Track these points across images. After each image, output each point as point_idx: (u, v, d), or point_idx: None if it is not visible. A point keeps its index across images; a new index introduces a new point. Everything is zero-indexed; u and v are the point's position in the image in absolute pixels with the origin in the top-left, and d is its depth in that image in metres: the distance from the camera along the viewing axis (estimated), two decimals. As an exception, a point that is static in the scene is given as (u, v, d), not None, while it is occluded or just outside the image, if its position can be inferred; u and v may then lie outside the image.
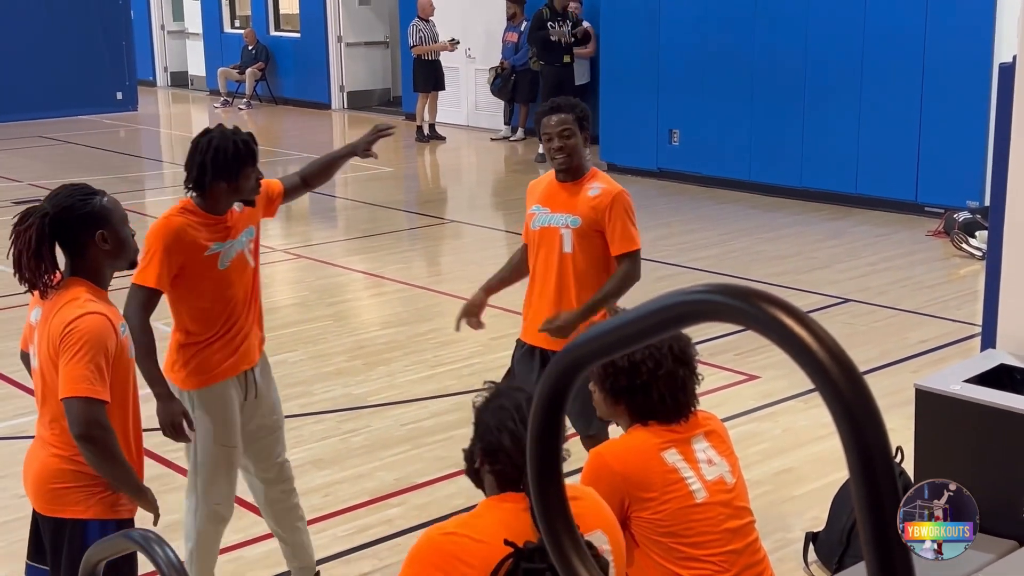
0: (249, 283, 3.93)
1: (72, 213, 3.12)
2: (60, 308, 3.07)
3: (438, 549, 2.41)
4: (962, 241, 9.06)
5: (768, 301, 0.98)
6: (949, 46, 10.11)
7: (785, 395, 6.05)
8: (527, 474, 2.35)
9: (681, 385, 2.93)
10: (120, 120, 17.88)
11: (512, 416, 2.47)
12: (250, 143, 3.77)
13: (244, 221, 3.89)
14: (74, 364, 2.99)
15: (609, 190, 4.26)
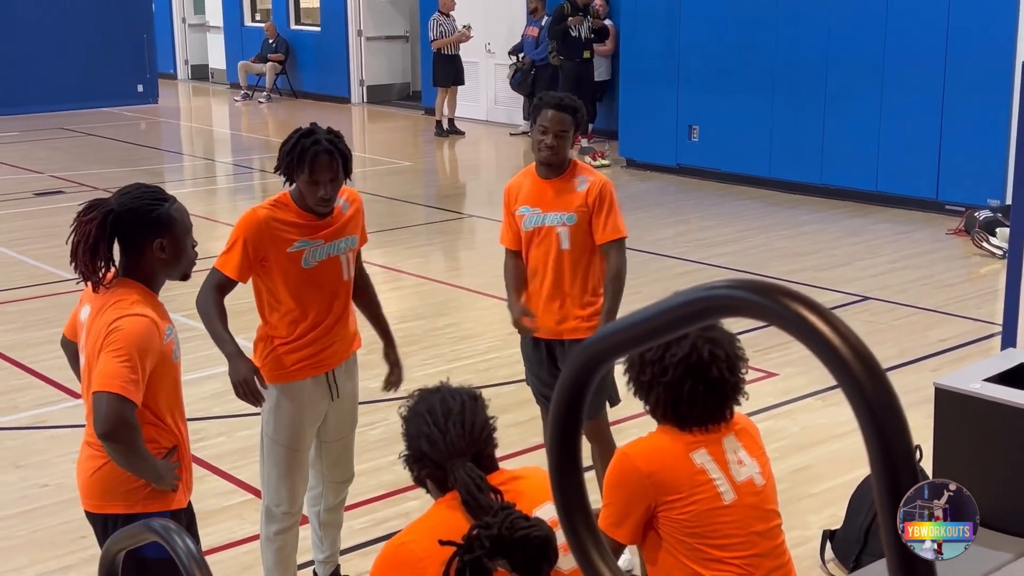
0: (339, 288, 3.88)
1: (136, 215, 3.11)
2: (107, 307, 3.08)
3: (392, 562, 2.45)
4: (982, 240, 9.01)
5: (791, 297, 0.98)
6: (971, 43, 10.06)
7: (803, 392, 6.03)
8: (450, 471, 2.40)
9: (711, 392, 2.87)
10: (141, 112, 17.96)
11: (425, 420, 2.50)
12: (336, 142, 3.75)
13: (351, 228, 3.87)
14: (111, 361, 3.00)
15: (596, 181, 4.33)
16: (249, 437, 5.63)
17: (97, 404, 2.98)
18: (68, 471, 5.28)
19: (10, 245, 9.54)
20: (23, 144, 15.00)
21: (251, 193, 12.84)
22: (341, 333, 3.93)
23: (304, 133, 3.77)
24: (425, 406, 2.55)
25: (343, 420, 4.03)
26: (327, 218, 3.79)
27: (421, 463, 2.53)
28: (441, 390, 2.58)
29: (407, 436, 2.57)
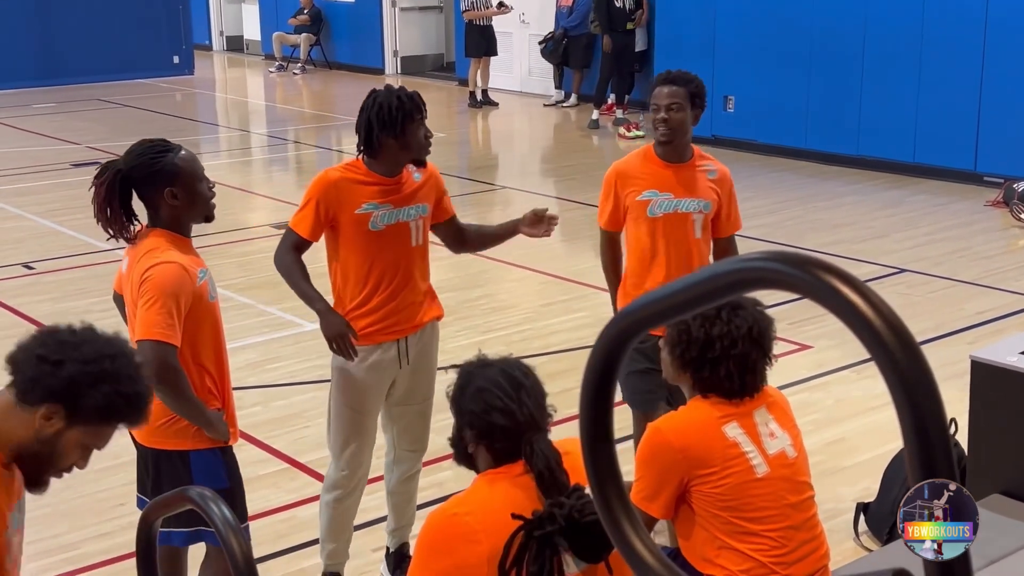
0: (407, 254, 3.87)
1: (141, 170, 3.24)
2: (140, 258, 3.22)
3: (444, 534, 2.41)
4: (1021, 211, 8.91)
5: (825, 269, 0.98)
6: (1009, 14, 9.91)
7: (838, 365, 6.01)
8: (525, 440, 2.40)
9: (751, 367, 2.87)
10: (177, 84, 18.03)
11: (495, 394, 2.48)
12: (415, 98, 3.73)
13: (421, 196, 3.88)
14: (147, 310, 3.13)
15: (724, 170, 4.27)
16: (285, 407, 5.69)
17: (141, 352, 3.01)
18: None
19: (48, 215, 9.64)
20: (60, 115, 15.11)
21: (285, 165, 12.88)
22: (410, 299, 3.91)
23: (378, 94, 3.76)
24: (487, 380, 2.51)
25: (415, 388, 3.99)
26: (397, 183, 3.81)
27: (490, 437, 2.47)
28: (493, 363, 2.56)
29: (468, 415, 2.51)
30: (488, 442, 2.49)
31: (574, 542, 2.31)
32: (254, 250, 8.55)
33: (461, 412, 2.54)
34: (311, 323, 6.88)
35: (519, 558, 2.30)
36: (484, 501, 2.43)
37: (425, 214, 3.92)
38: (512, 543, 2.31)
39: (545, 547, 2.30)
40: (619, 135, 13.03)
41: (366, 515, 4.64)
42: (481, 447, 2.52)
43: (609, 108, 14.00)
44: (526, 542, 2.30)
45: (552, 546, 2.30)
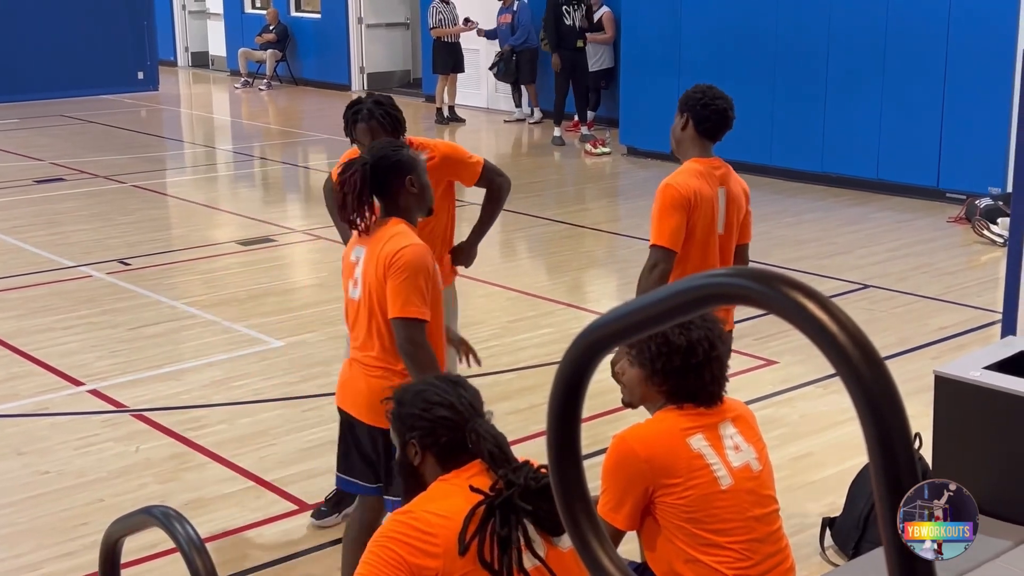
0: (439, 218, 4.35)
1: (387, 161, 3.63)
2: (387, 240, 3.55)
3: (401, 526, 2.44)
4: (983, 228, 9.01)
5: (790, 285, 0.98)
6: (972, 32, 10.04)
7: (803, 380, 6.04)
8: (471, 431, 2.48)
9: (726, 368, 2.94)
10: (141, 100, 17.93)
11: (432, 392, 2.62)
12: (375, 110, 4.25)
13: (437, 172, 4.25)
14: (401, 288, 3.47)
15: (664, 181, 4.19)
16: (251, 424, 5.65)
17: (396, 329, 3.49)
18: (69, 458, 5.30)
19: (11, 232, 9.54)
20: (23, 131, 14.99)
21: (251, 181, 12.83)
22: None
23: (350, 103, 4.33)
24: (423, 384, 2.67)
25: None
26: None
27: (434, 436, 2.56)
28: (422, 379, 2.75)
29: (409, 420, 2.60)
30: (433, 439, 2.57)
31: (536, 510, 2.38)
32: (219, 267, 8.50)
33: (403, 421, 2.63)
34: (277, 340, 6.86)
35: (479, 532, 2.36)
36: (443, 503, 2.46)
37: None
38: (472, 516, 2.37)
39: (509, 513, 2.37)
40: (585, 152, 13.08)
41: (334, 534, 4.62)
42: (428, 454, 2.58)
43: (575, 125, 14.05)
44: (488, 515, 2.37)
45: (516, 511, 2.37)
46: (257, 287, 7.87)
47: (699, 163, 4.15)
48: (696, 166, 4.14)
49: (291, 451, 5.32)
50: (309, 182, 12.86)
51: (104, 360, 6.55)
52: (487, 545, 2.36)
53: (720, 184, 4.17)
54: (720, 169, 4.20)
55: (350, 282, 3.69)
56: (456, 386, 2.65)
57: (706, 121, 4.11)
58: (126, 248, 8.97)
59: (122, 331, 7.00)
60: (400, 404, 2.66)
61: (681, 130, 4.16)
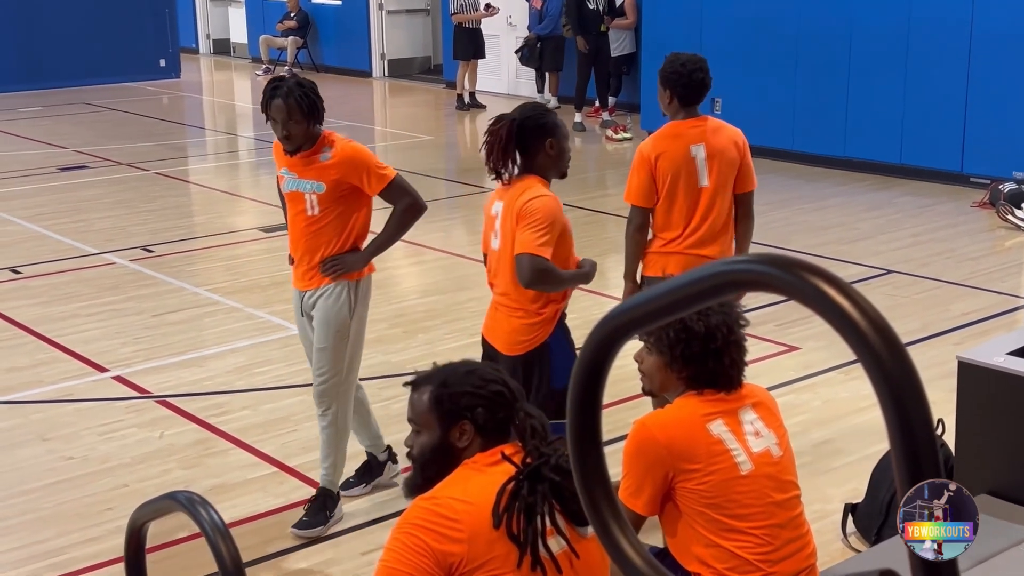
0: (301, 221, 4.43)
1: (533, 121, 3.97)
2: (521, 193, 3.92)
3: (425, 512, 2.42)
4: (1007, 212, 8.95)
5: (811, 271, 0.98)
6: (996, 15, 9.95)
7: (825, 367, 6.02)
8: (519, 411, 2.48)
9: (745, 352, 2.94)
10: (163, 87, 17.99)
11: (485, 370, 2.63)
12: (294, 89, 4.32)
13: (320, 175, 4.35)
14: (528, 231, 3.86)
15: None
16: (273, 411, 5.68)
17: (519, 264, 3.88)
18: (93, 443, 5.34)
19: (35, 219, 9.61)
20: (47, 119, 15.07)
21: (272, 168, 12.85)
22: (304, 261, 4.47)
23: (272, 79, 4.45)
24: (467, 364, 2.67)
25: (316, 337, 4.52)
26: (302, 156, 4.36)
27: (492, 410, 2.54)
28: (453, 362, 2.70)
29: (465, 395, 2.55)
30: (491, 415, 2.53)
31: (563, 491, 2.37)
32: (242, 253, 8.53)
33: (455, 399, 2.55)
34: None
35: (510, 505, 2.36)
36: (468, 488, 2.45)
37: (320, 191, 4.36)
38: (502, 496, 2.36)
39: (536, 483, 2.37)
40: (607, 137, 13.05)
41: (354, 519, 4.65)
42: (477, 436, 2.54)
43: (596, 111, 14.01)
44: (518, 488, 2.36)
45: (543, 480, 2.37)
46: (279, 273, 7.89)
47: (674, 126, 4.60)
48: (669, 129, 4.61)
49: (313, 437, 5.34)
50: (330, 169, 12.89)
51: (128, 347, 6.59)
52: (515, 518, 2.36)
53: (698, 140, 4.58)
54: (698, 127, 4.61)
55: (491, 234, 4.07)
56: (498, 369, 2.67)
57: (687, 93, 4.56)
58: (149, 235, 9.02)
59: (146, 317, 7.04)
60: (446, 385, 2.58)
61: (668, 104, 4.60)
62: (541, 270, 3.86)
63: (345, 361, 4.51)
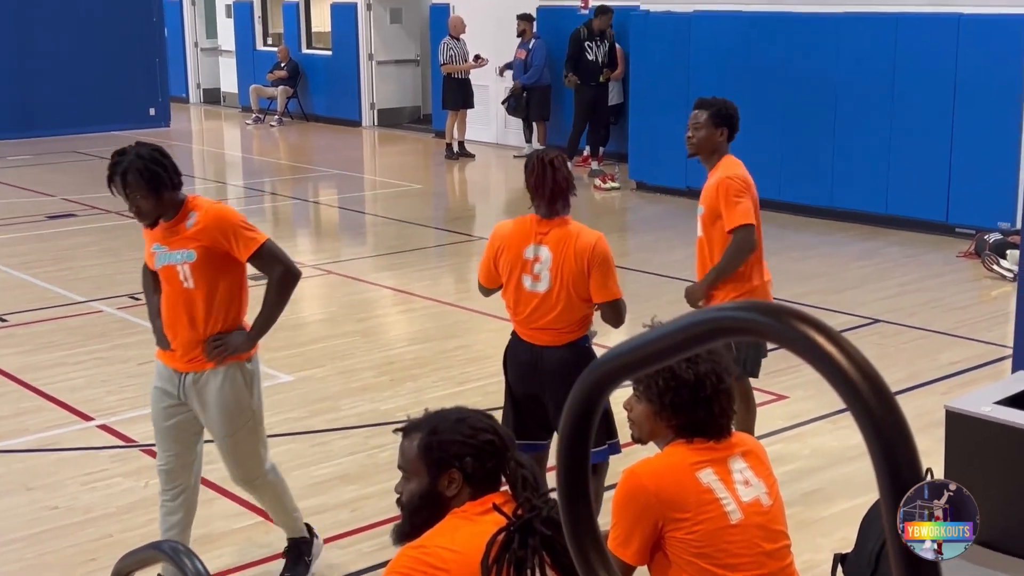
0: (178, 296, 4.12)
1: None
2: (579, 235, 4.32)
3: (413, 561, 2.40)
4: (993, 262, 8.99)
5: (799, 319, 0.98)
6: (980, 67, 10.06)
7: (814, 415, 6.01)
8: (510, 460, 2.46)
9: (734, 400, 2.94)
10: (153, 136, 18.04)
11: (475, 419, 2.58)
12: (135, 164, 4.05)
13: (188, 243, 4.06)
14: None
15: (719, 177, 4.93)
16: (259, 459, 5.64)
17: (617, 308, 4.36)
18: (77, 493, 5.29)
19: (22, 267, 9.58)
20: (36, 167, 15.08)
21: (262, 216, 12.88)
22: (182, 340, 4.14)
23: (115, 152, 4.13)
24: (458, 412, 2.62)
25: (210, 426, 4.22)
26: (167, 226, 4.08)
27: (481, 459, 2.52)
28: (444, 408, 2.66)
29: (455, 444, 2.53)
30: (481, 465, 2.51)
31: (555, 544, 2.33)
32: (229, 302, 8.51)
33: (444, 448, 2.54)
34: (286, 375, 6.86)
35: (500, 557, 2.32)
36: (457, 538, 2.43)
37: (191, 260, 4.07)
38: (494, 542, 2.33)
39: (527, 536, 2.33)
40: (595, 187, 13.11)
41: (342, 569, 4.60)
42: (466, 484, 2.52)
43: (585, 160, 14.10)
44: (509, 540, 2.33)
45: (534, 533, 2.33)
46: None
47: (734, 159, 5.05)
48: (737, 160, 5.06)
49: (299, 486, 5.31)
50: (319, 217, 12.92)
51: (113, 395, 6.55)
52: (505, 570, 2.33)
53: None
54: None
55: (526, 277, 4.32)
56: (488, 416, 2.65)
57: (733, 132, 5.09)
58: (136, 284, 8.95)
59: (132, 366, 7.00)
60: (436, 433, 2.56)
61: (718, 140, 5.00)
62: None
63: (261, 441, 4.29)
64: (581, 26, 13.78)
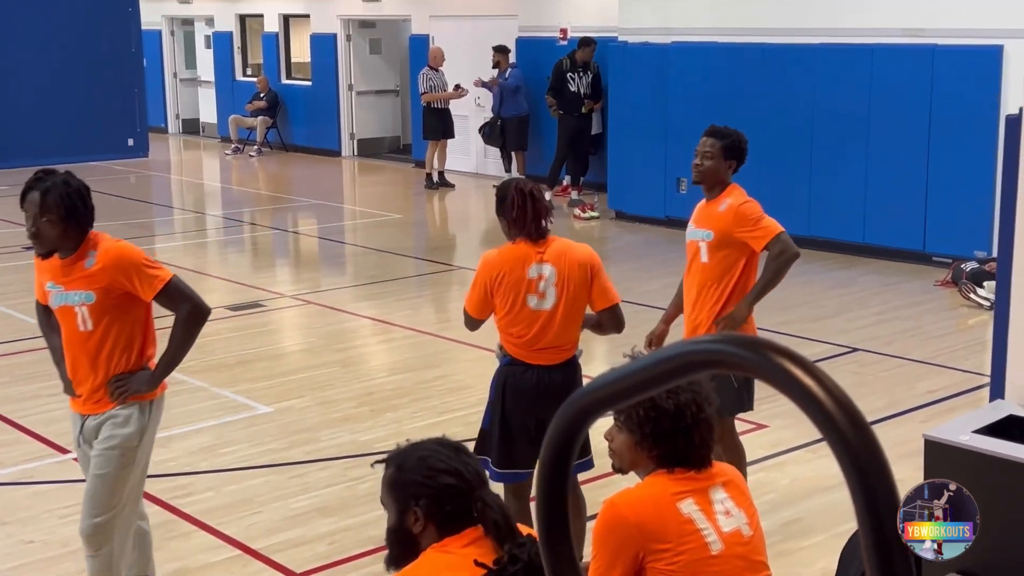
0: (74, 338, 4.02)
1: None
2: (572, 248, 4.45)
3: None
4: (970, 291, 9.05)
5: (775, 351, 0.99)
6: (956, 97, 10.16)
7: (793, 445, 6.02)
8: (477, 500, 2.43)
9: (715, 430, 2.93)
10: (131, 166, 18.01)
11: (438, 458, 2.54)
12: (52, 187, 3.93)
13: (87, 284, 3.94)
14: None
15: (733, 205, 4.95)
16: (237, 492, 5.60)
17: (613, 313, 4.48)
18: (54, 527, 5.24)
19: (-2, 299, 9.52)
20: (12, 198, 14.95)
21: (241, 246, 12.85)
22: (80, 381, 4.05)
23: (42, 170, 4.05)
24: (425, 449, 2.57)
25: (96, 463, 4.03)
26: (65, 264, 3.96)
27: (440, 502, 2.49)
28: (419, 442, 2.63)
29: (413, 484, 2.52)
30: (438, 508, 2.50)
31: None
32: (208, 332, 8.42)
33: (404, 487, 2.54)
34: (265, 406, 6.83)
35: None
36: (434, 567, 2.42)
37: (89, 302, 3.94)
38: None
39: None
40: (574, 216, 13.15)
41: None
42: (430, 523, 2.51)
43: (564, 190, 14.15)
44: None
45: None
46: (246, 352, 7.85)
47: (741, 187, 5.11)
48: (742, 188, 5.10)
49: (278, 519, 5.28)
50: (299, 247, 12.90)
51: (91, 427, 6.50)
52: None
53: None
54: None
55: (531, 297, 4.36)
56: (459, 452, 2.60)
57: (740, 166, 5.20)
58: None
59: (109, 397, 6.95)
60: (400, 470, 2.57)
61: (726, 171, 5.07)
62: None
63: (127, 490, 4.00)
64: (564, 57, 13.88)
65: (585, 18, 14.53)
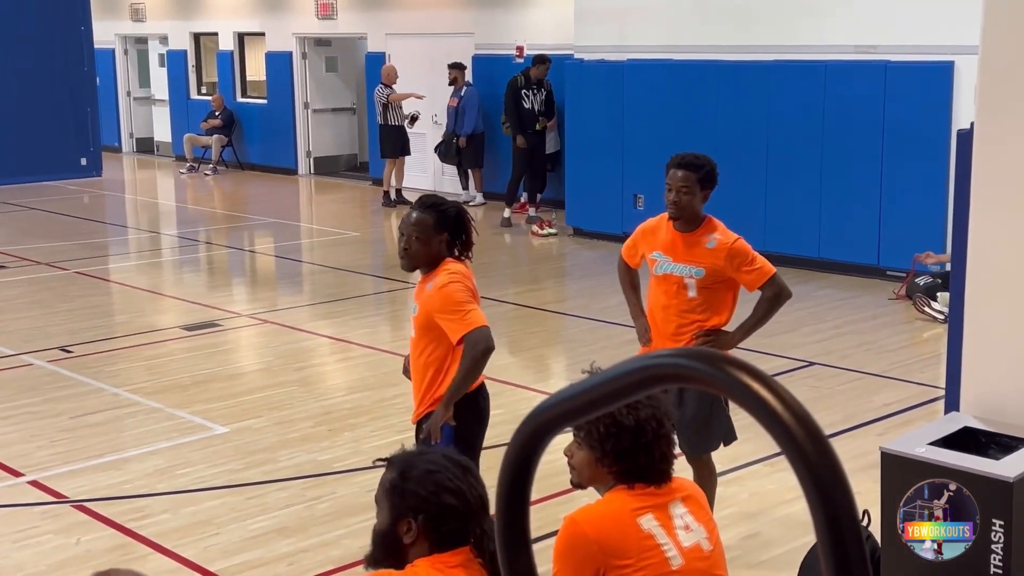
0: None
1: None
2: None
3: None
4: (924, 304, 9.15)
5: (733, 365, 0.99)
6: (908, 113, 10.30)
7: (751, 459, 6.05)
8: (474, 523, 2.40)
9: (674, 445, 2.94)
10: (84, 186, 17.83)
11: (445, 476, 2.52)
12: None
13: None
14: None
15: (723, 241, 4.81)
16: (194, 514, 5.54)
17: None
18: (7, 551, 5.16)
19: (-51, 321, 9.38)
20: (-36, 218, 14.81)
21: (196, 265, 12.75)
22: None
23: None
24: (434, 463, 2.53)
25: None
26: None
27: (439, 520, 2.46)
28: (433, 449, 2.58)
29: (415, 496, 2.49)
30: (435, 526, 2.47)
31: None
32: (163, 352, 8.39)
33: (405, 496, 2.51)
34: (221, 426, 6.77)
35: None
36: None
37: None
38: None
39: None
40: (532, 232, 13.17)
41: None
42: (423, 537, 2.49)
43: (522, 207, 14.18)
44: None
45: None
46: (201, 373, 7.78)
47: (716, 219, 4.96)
48: None
49: (235, 540, 5.22)
50: (255, 266, 12.82)
51: (44, 450, 6.41)
52: None
53: None
54: None
55: None
56: (467, 473, 2.55)
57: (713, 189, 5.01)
58: (68, 335, 8.84)
59: (64, 420, 6.87)
60: (404, 478, 2.53)
61: (702, 202, 4.89)
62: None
63: None
64: (519, 74, 13.92)
65: (541, 36, 14.60)
